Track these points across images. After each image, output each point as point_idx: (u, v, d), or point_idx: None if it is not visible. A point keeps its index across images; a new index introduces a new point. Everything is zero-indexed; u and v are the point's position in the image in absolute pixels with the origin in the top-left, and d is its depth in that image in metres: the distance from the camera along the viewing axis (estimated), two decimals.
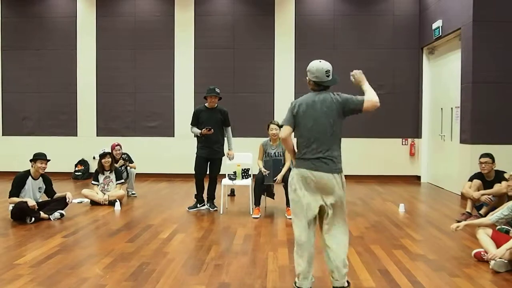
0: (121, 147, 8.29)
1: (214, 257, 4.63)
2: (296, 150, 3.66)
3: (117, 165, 7.87)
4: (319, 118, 3.51)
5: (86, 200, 7.51)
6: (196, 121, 6.88)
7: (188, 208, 7.01)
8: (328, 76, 3.56)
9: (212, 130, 6.69)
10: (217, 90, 6.87)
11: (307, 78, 3.64)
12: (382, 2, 10.61)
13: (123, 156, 8.25)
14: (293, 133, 3.67)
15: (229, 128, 7.07)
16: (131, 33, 10.88)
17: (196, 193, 7.05)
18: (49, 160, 6.49)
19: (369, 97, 3.50)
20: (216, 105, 6.92)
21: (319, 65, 3.55)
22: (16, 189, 6.26)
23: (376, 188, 9.40)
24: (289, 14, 10.71)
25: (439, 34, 9.25)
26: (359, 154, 10.33)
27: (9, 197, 6.26)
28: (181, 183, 10.06)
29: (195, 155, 6.96)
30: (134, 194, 8.27)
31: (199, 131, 6.76)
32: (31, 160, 6.41)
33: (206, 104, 6.93)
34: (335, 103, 3.52)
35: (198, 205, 7.03)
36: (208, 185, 7.01)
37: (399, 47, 10.59)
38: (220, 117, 6.90)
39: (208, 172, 7.00)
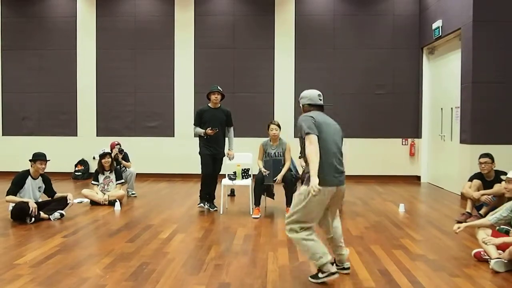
0: (120, 146, 8.30)
1: (214, 257, 4.63)
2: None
3: (112, 154, 7.83)
4: (336, 133, 3.95)
5: (86, 200, 7.51)
6: (200, 121, 6.87)
7: (199, 205, 6.98)
8: (320, 100, 4.07)
9: (217, 129, 6.70)
10: (219, 88, 6.92)
11: (301, 105, 4.12)
12: (382, 2, 10.61)
13: (119, 149, 8.19)
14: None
15: (232, 128, 7.07)
16: (131, 33, 10.88)
17: (201, 189, 6.99)
18: (48, 161, 6.48)
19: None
20: (219, 104, 6.93)
21: (311, 91, 4.11)
22: (15, 187, 6.24)
23: (376, 188, 9.40)
24: (289, 14, 10.71)
25: (439, 34, 9.25)
26: (359, 154, 10.33)
27: (7, 195, 6.21)
28: (181, 183, 10.06)
29: (199, 154, 6.92)
30: (134, 194, 8.26)
31: (203, 131, 6.75)
32: (30, 160, 6.40)
33: (209, 104, 6.93)
34: (339, 127, 4.05)
35: (203, 203, 6.99)
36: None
37: (399, 47, 10.59)
38: (223, 117, 6.91)
39: None
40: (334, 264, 3.98)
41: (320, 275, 3.80)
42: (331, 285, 3.82)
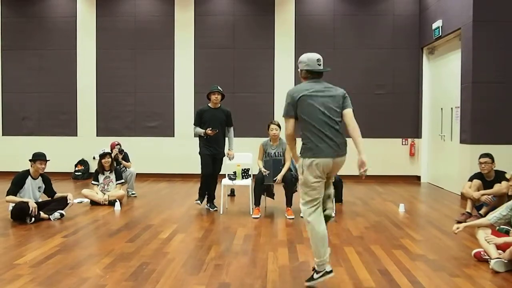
0: (120, 146, 8.30)
1: (214, 257, 4.63)
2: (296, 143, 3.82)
3: (112, 154, 7.84)
4: (330, 101, 3.75)
5: (86, 200, 7.51)
6: (200, 121, 6.88)
7: (196, 201, 7.05)
8: (319, 65, 3.84)
9: (217, 130, 6.71)
10: (220, 88, 6.93)
11: (299, 70, 3.88)
12: (382, 2, 10.61)
13: (119, 149, 8.20)
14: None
15: (232, 128, 7.08)
16: (131, 33, 10.88)
17: (200, 187, 7.01)
18: (48, 160, 6.48)
19: (354, 122, 3.87)
20: (219, 105, 6.94)
21: (309, 55, 3.85)
22: (15, 187, 6.24)
23: (376, 188, 9.40)
24: (289, 14, 10.71)
25: (439, 34, 9.25)
26: None
27: (7, 195, 6.21)
28: (181, 183, 10.05)
29: (199, 154, 6.93)
30: (134, 194, 8.26)
31: (203, 131, 6.75)
32: (30, 160, 6.40)
33: (209, 104, 6.94)
34: (338, 93, 3.85)
35: (200, 201, 7.03)
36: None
37: (399, 47, 10.59)
38: (223, 117, 6.91)
39: None
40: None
41: (315, 275, 3.74)
42: (332, 285, 3.82)
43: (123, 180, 7.76)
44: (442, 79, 9.70)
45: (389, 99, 10.61)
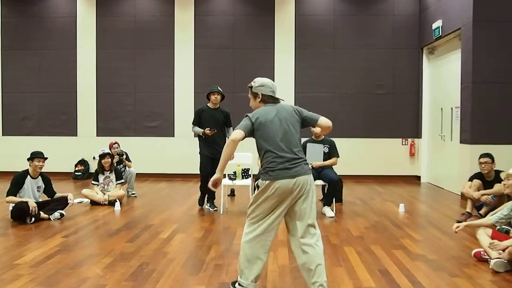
0: (119, 145, 8.29)
1: (214, 257, 4.63)
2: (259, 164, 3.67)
3: (113, 160, 7.84)
4: (284, 126, 3.64)
5: (86, 200, 7.51)
6: (198, 121, 6.89)
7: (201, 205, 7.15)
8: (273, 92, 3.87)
9: (215, 130, 6.72)
10: (219, 88, 6.95)
11: (258, 93, 3.86)
12: (382, 2, 10.61)
13: (119, 152, 8.21)
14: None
15: (231, 129, 7.08)
16: (131, 33, 10.88)
17: (200, 193, 7.08)
18: (46, 158, 6.47)
19: (323, 119, 3.66)
20: (219, 105, 6.94)
21: (271, 81, 3.92)
22: (15, 187, 6.23)
23: (376, 188, 9.39)
24: (289, 14, 10.71)
25: (439, 34, 9.25)
26: (359, 154, 10.32)
27: (7, 196, 6.21)
28: (181, 183, 10.06)
29: (199, 154, 6.95)
30: (134, 194, 8.26)
31: (201, 130, 6.77)
32: (28, 159, 6.40)
33: (208, 104, 6.95)
34: (296, 112, 3.72)
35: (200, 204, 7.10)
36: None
37: (399, 47, 10.59)
38: (222, 117, 6.92)
39: None
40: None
41: (237, 285, 3.56)
42: (331, 285, 3.81)
43: (123, 180, 7.76)
44: (442, 79, 9.70)
45: (389, 99, 10.62)
